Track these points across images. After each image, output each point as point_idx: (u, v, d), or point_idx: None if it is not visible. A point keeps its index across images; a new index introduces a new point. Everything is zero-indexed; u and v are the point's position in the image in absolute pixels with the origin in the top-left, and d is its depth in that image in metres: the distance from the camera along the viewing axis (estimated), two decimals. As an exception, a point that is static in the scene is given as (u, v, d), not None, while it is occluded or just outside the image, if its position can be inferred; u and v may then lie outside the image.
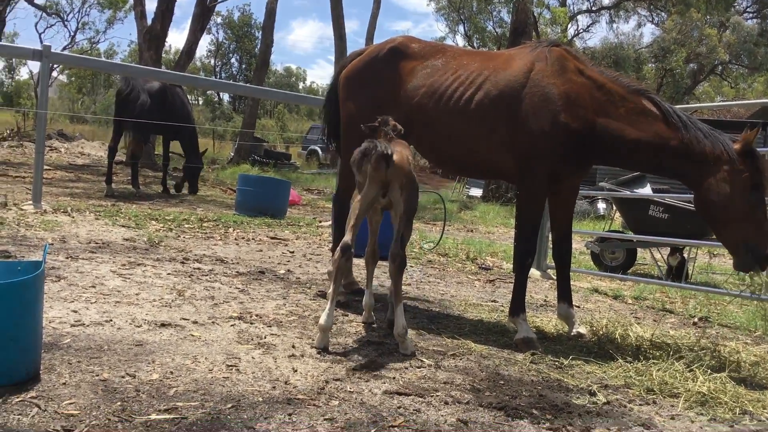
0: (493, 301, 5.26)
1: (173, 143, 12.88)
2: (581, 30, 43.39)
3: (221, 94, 62.43)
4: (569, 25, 36.81)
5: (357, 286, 4.91)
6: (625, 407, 2.95)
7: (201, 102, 60.22)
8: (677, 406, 3.03)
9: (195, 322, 3.62)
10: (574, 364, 3.58)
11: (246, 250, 6.51)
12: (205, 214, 8.96)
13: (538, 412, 2.76)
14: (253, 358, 3.12)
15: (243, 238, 7.29)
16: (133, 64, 16.65)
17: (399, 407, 2.66)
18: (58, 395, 2.42)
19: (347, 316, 4.21)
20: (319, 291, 4.82)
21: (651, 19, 41.35)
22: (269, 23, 25.92)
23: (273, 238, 7.55)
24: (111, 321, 3.44)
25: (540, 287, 6.37)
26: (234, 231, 7.69)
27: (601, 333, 4.23)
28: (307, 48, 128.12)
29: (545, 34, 34.44)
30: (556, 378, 3.30)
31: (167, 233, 6.87)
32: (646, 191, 8.29)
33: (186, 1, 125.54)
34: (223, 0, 35.78)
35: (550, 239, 5.16)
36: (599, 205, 17.59)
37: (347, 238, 3.49)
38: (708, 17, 34.45)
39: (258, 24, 55.25)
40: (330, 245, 5.84)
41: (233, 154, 25.76)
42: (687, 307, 5.83)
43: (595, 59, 35.12)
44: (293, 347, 3.34)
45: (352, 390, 2.81)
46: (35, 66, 45.90)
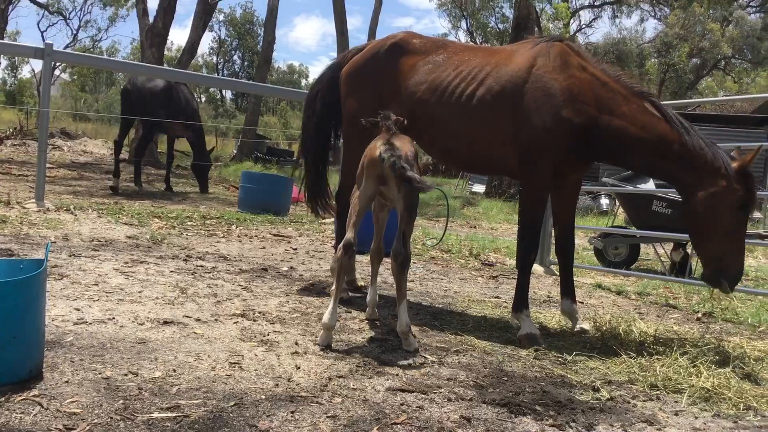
0: (497, 297, 5.25)
1: (177, 141, 12.88)
2: (584, 25, 43.41)
3: (224, 91, 62.53)
4: (572, 21, 36.73)
5: (356, 284, 4.91)
6: (629, 403, 2.94)
7: (203, 99, 60.26)
8: (681, 401, 3.02)
9: (198, 319, 3.62)
10: (577, 360, 3.57)
11: (249, 247, 6.51)
12: (208, 211, 8.96)
13: (541, 408, 2.75)
14: (256, 355, 3.11)
15: (246, 235, 7.29)
16: (136, 61, 16.63)
17: (402, 404, 2.65)
18: (60, 393, 2.42)
19: (350, 313, 4.21)
20: (323, 288, 4.82)
21: (654, 14, 41.31)
22: (271, 20, 25.94)
23: (276, 235, 7.55)
24: (113, 319, 3.44)
25: (543, 283, 6.36)
26: (237, 228, 7.69)
27: (605, 329, 4.22)
28: (310, 45, 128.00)
29: (548, 29, 34.40)
30: (559, 374, 3.29)
31: (170, 231, 6.87)
32: (649, 187, 8.27)
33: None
34: (225, -3, 35.70)
35: (552, 235, 5.15)
36: (602, 201, 17.58)
37: (349, 235, 3.48)
38: (711, 12, 34.36)
39: (260, 21, 55.28)
40: (333, 242, 5.83)
41: (236, 151, 25.79)
42: (690, 303, 5.82)
43: (598, 54, 35.12)
44: (296, 344, 3.34)
45: (355, 387, 2.80)
46: (37, 64, 46.04)
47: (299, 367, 2.99)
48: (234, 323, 3.63)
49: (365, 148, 3.59)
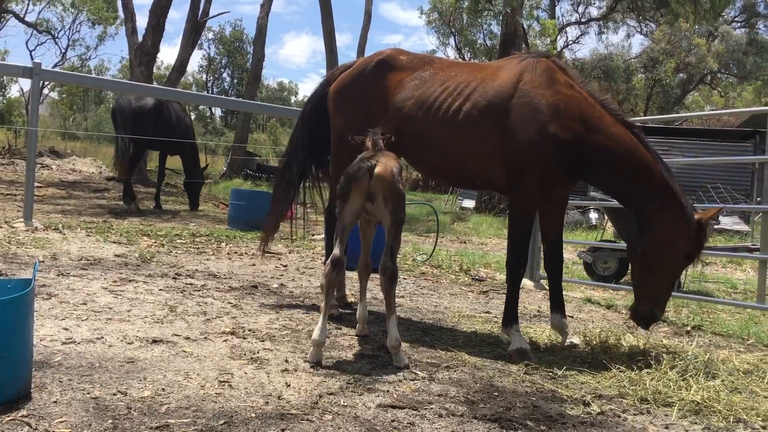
0: (487, 312, 5.26)
1: (168, 159, 12.87)
2: (570, 42, 43.74)
3: (213, 108, 62.53)
4: (558, 37, 37.04)
5: (347, 300, 4.91)
6: (619, 417, 2.95)
7: (193, 117, 60.26)
8: (671, 415, 3.02)
9: (187, 338, 3.61)
10: (567, 374, 3.57)
11: (239, 264, 6.49)
12: (198, 228, 8.94)
13: (532, 423, 2.75)
14: (246, 373, 3.10)
15: (236, 252, 7.27)
16: (125, 80, 16.64)
17: (393, 420, 2.64)
18: (49, 413, 2.40)
19: (340, 329, 4.20)
20: (313, 304, 4.81)
21: (640, 30, 41.69)
22: (260, 38, 26.03)
23: (266, 252, 7.53)
24: (102, 338, 3.42)
25: (533, 298, 6.37)
26: (227, 245, 7.67)
27: (595, 343, 4.23)
28: (299, 62, 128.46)
29: (535, 46, 34.68)
30: (550, 389, 3.29)
31: (159, 249, 6.84)
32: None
33: (177, 17, 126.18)
34: (215, 15, 35.87)
35: (542, 249, 5.16)
36: (591, 215, 17.63)
37: (336, 251, 3.49)
38: (697, 27, 34.75)
39: (249, 39, 55.42)
40: (323, 259, 5.82)
41: (226, 168, 25.78)
42: (680, 316, 5.84)
43: (585, 70, 35.45)
44: (286, 362, 3.33)
45: (345, 404, 2.80)
46: (26, 83, 45.97)
47: (289, 385, 2.98)
48: (224, 341, 3.61)
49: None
